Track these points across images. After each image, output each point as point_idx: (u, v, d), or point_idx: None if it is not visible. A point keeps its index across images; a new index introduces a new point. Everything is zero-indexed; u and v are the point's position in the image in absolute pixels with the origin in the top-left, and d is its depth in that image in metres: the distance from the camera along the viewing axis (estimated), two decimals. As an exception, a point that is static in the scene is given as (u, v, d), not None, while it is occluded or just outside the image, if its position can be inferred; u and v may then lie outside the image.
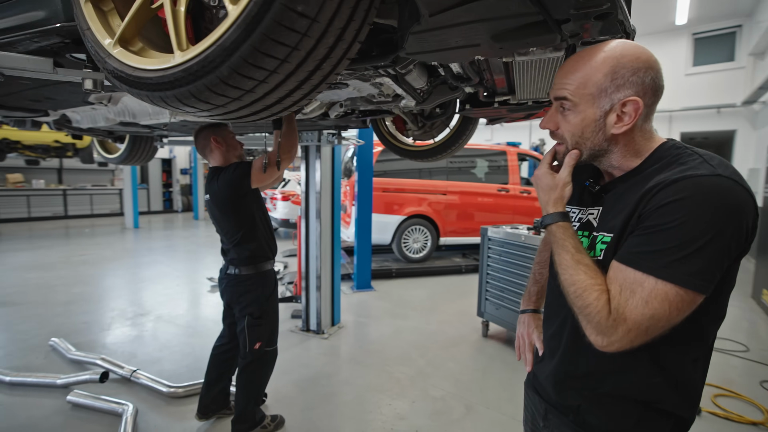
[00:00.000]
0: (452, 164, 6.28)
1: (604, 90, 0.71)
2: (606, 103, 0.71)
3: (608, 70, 0.70)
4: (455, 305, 4.32)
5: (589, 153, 0.77)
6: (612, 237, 0.73)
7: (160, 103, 0.74)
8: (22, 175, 10.04)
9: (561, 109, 0.77)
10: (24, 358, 2.88)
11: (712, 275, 0.63)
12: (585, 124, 0.74)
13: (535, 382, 0.92)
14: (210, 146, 1.93)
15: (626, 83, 0.70)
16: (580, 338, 0.71)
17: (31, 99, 1.94)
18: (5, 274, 5.13)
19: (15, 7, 1.06)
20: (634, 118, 0.71)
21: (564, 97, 0.75)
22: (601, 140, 0.74)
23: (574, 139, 0.77)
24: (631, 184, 0.74)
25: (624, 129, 0.72)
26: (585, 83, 0.72)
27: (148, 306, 4.06)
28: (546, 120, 0.80)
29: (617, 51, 0.71)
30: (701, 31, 8.27)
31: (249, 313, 1.93)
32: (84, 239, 7.89)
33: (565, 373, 0.81)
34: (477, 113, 1.97)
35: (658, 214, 0.64)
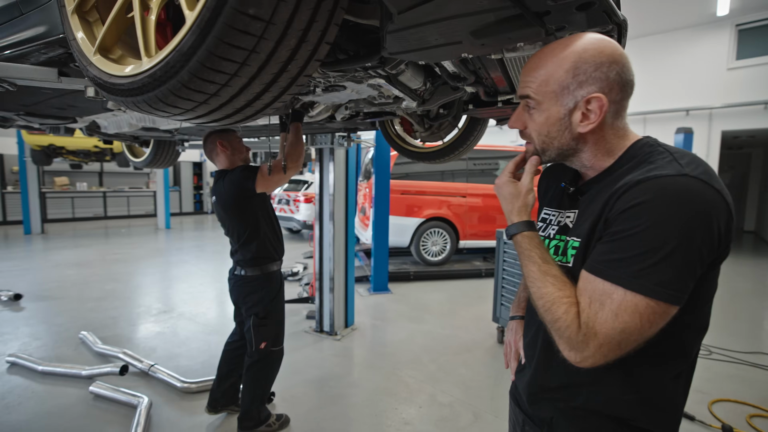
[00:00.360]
0: (474, 166, 6.18)
1: (567, 87, 0.67)
2: (569, 101, 0.68)
3: (569, 66, 0.67)
4: (472, 310, 4.23)
5: (557, 152, 0.73)
6: (580, 242, 0.69)
7: (134, 108, 0.77)
8: (67, 178, 10.76)
9: (527, 108, 0.74)
10: (57, 349, 3.07)
11: (683, 284, 0.58)
12: (550, 123, 0.71)
13: (515, 391, 0.89)
14: (216, 150, 1.99)
15: (589, 79, 0.66)
16: (552, 349, 0.68)
17: (57, 107, 2.07)
18: (49, 270, 5.50)
19: (23, 22, 1.13)
20: (599, 115, 0.67)
21: (527, 95, 0.72)
22: (569, 139, 0.71)
23: (540, 138, 0.73)
24: (603, 185, 0.69)
25: (590, 127, 0.68)
26: (547, 80, 0.69)
27: (172, 303, 4.24)
28: (513, 119, 0.77)
29: (579, 45, 0.67)
30: (745, 22, 7.72)
31: (254, 313, 1.97)
32: (119, 239, 8.35)
33: (539, 385, 0.78)
34: (481, 113, 1.92)
35: (622, 218, 0.60)
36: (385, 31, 0.91)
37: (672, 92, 8.33)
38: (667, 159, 0.63)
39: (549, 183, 0.90)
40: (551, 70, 0.69)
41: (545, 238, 0.81)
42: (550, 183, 0.90)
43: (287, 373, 2.71)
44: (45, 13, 1.07)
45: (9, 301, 4.08)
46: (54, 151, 7.26)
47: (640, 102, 8.67)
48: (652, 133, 3.02)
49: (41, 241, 7.80)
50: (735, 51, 7.91)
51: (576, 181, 0.80)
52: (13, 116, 2.32)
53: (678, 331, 0.63)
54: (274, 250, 2.05)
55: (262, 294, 1.99)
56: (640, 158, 0.67)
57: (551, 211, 0.84)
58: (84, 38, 0.81)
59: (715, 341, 3.32)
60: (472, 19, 0.84)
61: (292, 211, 8.13)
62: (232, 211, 1.94)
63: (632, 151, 0.69)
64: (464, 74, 1.38)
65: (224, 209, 1.94)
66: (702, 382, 2.69)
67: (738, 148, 10.31)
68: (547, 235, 0.81)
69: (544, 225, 0.84)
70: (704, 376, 2.78)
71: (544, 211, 0.87)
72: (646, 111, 8.53)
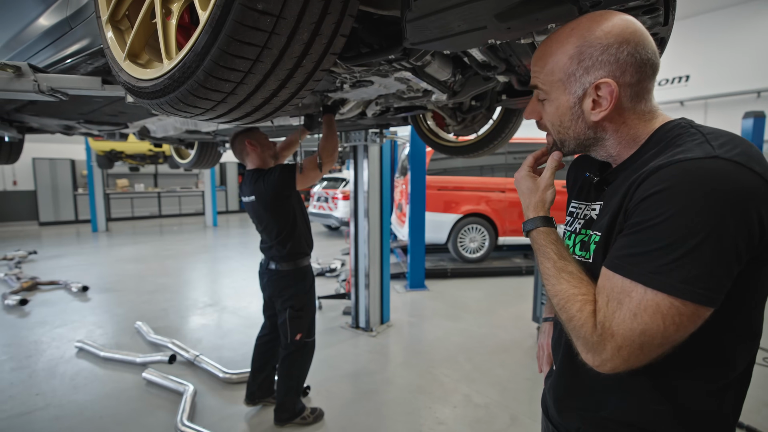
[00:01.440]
0: (514, 160, 5.95)
1: (572, 74, 0.63)
2: (578, 89, 0.63)
3: (574, 51, 0.62)
4: (511, 308, 4.08)
5: (575, 143, 0.68)
6: (600, 236, 0.64)
7: (158, 109, 0.79)
8: (127, 180, 11.69)
9: (539, 98, 0.71)
10: (116, 337, 3.34)
11: (715, 282, 0.50)
12: (561, 113, 0.67)
13: (544, 399, 0.83)
14: (246, 150, 2.04)
15: (596, 63, 0.60)
16: (574, 351, 0.63)
17: (109, 114, 2.23)
18: (111, 265, 6.01)
19: (73, 36, 1.22)
20: (611, 101, 0.61)
21: (535, 86, 0.69)
22: (584, 128, 0.66)
23: (554, 128, 0.70)
24: (627, 174, 0.63)
25: (603, 114, 0.62)
26: (552, 69, 0.65)
27: (217, 297, 4.47)
28: (528, 110, 0.74)
29: (583, 27, 0.61)
30: (830, -12, 6.80)
31: (290, 306, 2.02)
32: (171, 236, 8.93)
33: (565, 390, 0.72)
34: (516, 103, 1.83)
35: (641, 208, 0.54)
36: (405, 21, 0.88)
37: (739, 73, 7.51)
38: (697, 140, 0.55)
39: (577, 174, 0.84)
40: (556, 58, 0.64)
41: (571, 233, 0.76)
42: (579, 174, 0.83)
43: (322, 367, 2.76)
44: (89, 26, 1.14)
45: (78, 292, 4.50)
46: (115, 156, 7.88)
47: (701, 85, 7.91)
48: (716, 120, 2.80)
49: (106, 238, 8.53)
50: (818, 22, 6.98)
51: (602, 171, 0.74)
52: (75, 124, 2.54)
53: (719, 335, 0.55)
54: (307, 245, 2.10)
55: (298, 288, 2.04)
56: (667, 142, 0.59)
57: (579, 204, 0.78)
58: (116, 45, 0.85)
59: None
60: (495, 0, 0.79)
61: (330, 208, 8.27)
62: (273, 210, 1.98)
63: (659, 134, 0.62)
64: (494, 62, 1.31)
65: (265, 208, 1.98)
66: None
67: (822, 132, 9.11)
68: (573, 230, 0.76)
69: (572, 219, 0.79)
70: None
71: (572, 204, 0.82)
72: (709, 95, 7.76)
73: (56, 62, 1.38)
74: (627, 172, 0.63)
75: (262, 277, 2.13)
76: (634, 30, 0.60)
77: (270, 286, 2.10)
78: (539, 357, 0.96)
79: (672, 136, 0.60)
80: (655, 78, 0.64)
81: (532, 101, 0.73)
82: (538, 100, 0.71)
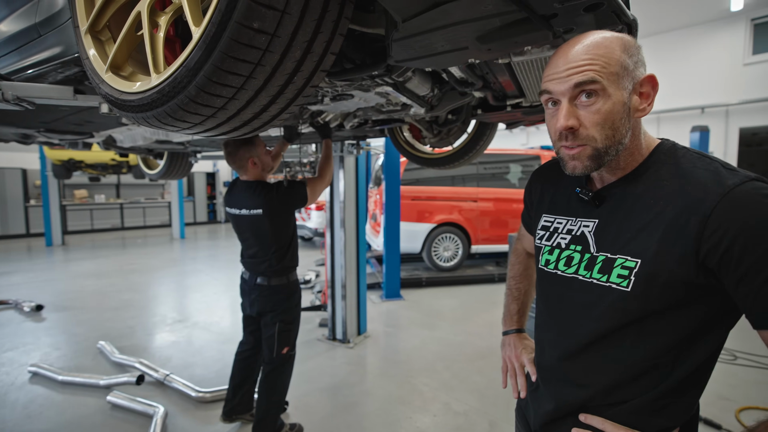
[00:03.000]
0: (485, 170, 6.14)
1: (626, 68, 0.62)
2: (629, 83, 0.63)
3: (622, 46, 0.62)
4: (485, 315, 4.17)
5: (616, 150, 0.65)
6: (640, 263, 0.63)
7: (144, 123, 0.78)
8: (86, 191, 11.06)
9: (583, 99, 0.63)
10: (76, 359, 3.13)
11: None
12: (615, 111, 0.62)
13: (527, 411, 0.84)
14: (247, 165, 1.96)
15: (639, 60, 0.64)
16: None
17: (75, 123, 2.13)
18: (68, 281, 5.64)
19: (42, 43, 1.17)
20: (653, 97, 0.65)
21: (591, 79, 0.61)
22: (627, 130, 0.65)
23: (604, 133, 0.63)
24: (636, 191, 0.66)
25: (648, 110, 0.65)
26: (608, 61, 0.61)
27: (187, 313, 4.29)
28: (566, 116, 0.63)
29: (609, 32, 0.65)
30: (760, 16, 7.54)
31: (281, 320, 1.98)
32: (136, 249, 8.51)
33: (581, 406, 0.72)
34: (491, 117, 1.91)
35: (753, 243, 0.55)
36: (391, 39, 0.91)
37: (686, 90, 8.16)
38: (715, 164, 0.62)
39: (545, 187, 0.85)
40: (611, 49, 0.62)
41: (553, 247, 0.77)
42: (546, 187, 0.84)
43: (300, 381, 2.70)
44: (62, 34, 1.10)
45: (31, 311, 4.18)
46: (74, 165, 7.47)
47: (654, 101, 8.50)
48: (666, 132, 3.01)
49: (62, 252, 8.00)
50: (751, 46, 7.72)
51: (585, 185, 0.75)
52: (34, 133, 2.40)
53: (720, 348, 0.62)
54: (297, 258, 2.09)
55: (291, 301, 2.02)
56: (676, 162, 0.65)
57: (556, 218, 0.79)
58: (96, 56, 0.83)
59: (741, 346, 3.20)
60: (477, 24, 0.83)
61: (303, 219, 8.18)
62: (278, 224, 1.95)
63: (659, 153, 0.67)
64: (472, 79, 1.37)
65: (273, 222, 1.93)
66: (728, 389, 2.59)
67: (757, 144, 9.99)
68: (554, 244, 0.77)
69: (548, 233, 0.79)
70: (730, 383, 2.68)
71: (545, 219, 0.82)
72: (660, 110, 8.36)
73: (21, 69, 1.32)
74: (636, 189, 0.67)
75: (248, 293, 2.04)
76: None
77: (260, 301, 2.01)
78: (505, 371, 0.95)
79: (679, 156, 0.66)
80: None
81: (568, 107, 0.64)
82: (578, 104, 0.63)
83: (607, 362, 0.68)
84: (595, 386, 0.69)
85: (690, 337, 0.62)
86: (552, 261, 0.76)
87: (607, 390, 0.68)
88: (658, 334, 0.64)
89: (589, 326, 0.69)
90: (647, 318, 0.63)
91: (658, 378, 0.64)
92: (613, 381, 0.67)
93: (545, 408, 0.77)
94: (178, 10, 0.76)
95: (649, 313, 0.63)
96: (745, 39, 7.71)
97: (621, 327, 0.66)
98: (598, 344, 0.68)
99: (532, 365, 0.86)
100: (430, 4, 0.74)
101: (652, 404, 0.65)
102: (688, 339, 0.63)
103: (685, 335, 0.62)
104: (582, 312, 0.70)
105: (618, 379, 0.67)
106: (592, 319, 0.68)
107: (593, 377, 0.69)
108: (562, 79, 0.63)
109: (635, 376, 0.66)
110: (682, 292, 0.61)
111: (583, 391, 0.71)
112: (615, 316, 0.66)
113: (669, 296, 0.61)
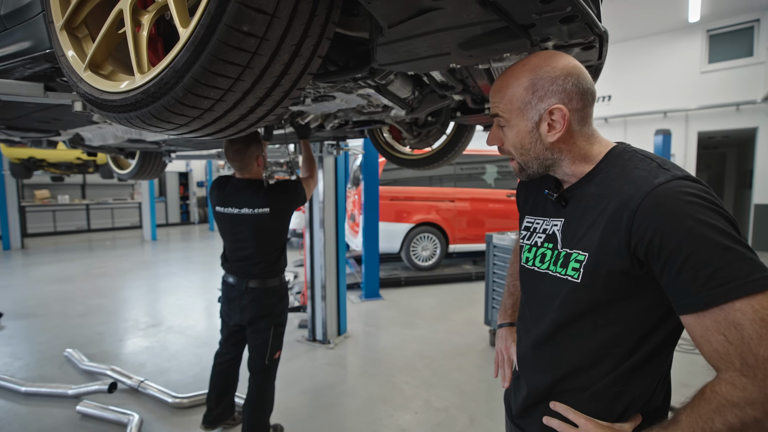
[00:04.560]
0: (461, 171, 6.25)
1: (528, 103, 0.73)
2: (534, 115, 0.73)
3: (528, 84, 0.73)
4: (464, 313, 4.26)
5: (537, 164, 0.77)
6: (587, 255, 0.70)
7: (126, 123, 0.76)
8: (48, 191, 10.48)
9: (499, 126, 0.79)
10: (40, 368, 2.97)
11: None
12: (521, 137, 0.76)
13: (510, 399, 0.90)
14: (252, 164, 1.93)
15: (547, 93, 0.71)
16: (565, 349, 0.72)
17: (40, 120, 2.03)
18: (29, 286, 5.34)
19: (8, 37, 1.12)
20: (563, 124, 0.72)
21: (496, 114, 0.78)
22: (542, 150, 0.75)
23: (517, 151, 0.78)
24: (590, 191, 0.73)
25: (557, 136, 0.73)
26: (511, 99, 0.75)
27: (161, 317, 4.15)
28: (491, 137, 0.82)
29: (533, 64, 0.74)
30: (716, 27, 8.04)
31: (276, 324, 1.94)
32: (104, 252, 8.15)
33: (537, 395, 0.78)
34: (469, 120, 1.96)
35: (667, 238, 0.60)
36: (375, 44, 0.93)
37: (650, 95, 8.60)
38: (654, 163, 0.68)
39: (528, 191, 0.93)
40: (513, 90, 0.74)
41: (531, 246, 0.83)
42: (530, 191, 0.92)
43: (281, 383, 2.65)
44: (31, 29, 1.05)
45: (-12, 320, 3.94)
46: (34, 164, 7.06)
47: (620, 105, 8.91)
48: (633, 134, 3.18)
49: (21, 256, 7.56)
50: (707, 55, 8.22)
51: (557, 188, 0.83)
52: (-7, 130, 2.27)
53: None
54: (287, 259, 2.06)
55: (284, 303, 1.99)
56: (622, 164, 0.71)
57: (534, 219, 0.86)
58: (74, 55, 0.81)
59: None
60: (460, 31, 0.86)
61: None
62: (282, 224, 1.94)
63: (610, 157, 0.74)
64: (452, 83, 1.41)
65: (276, 221, 1.90)
66: (688, 376, 2.75)
67: (713, 147, 10.65)
68: (533, 243, 0.83)
69: (528, 233, 0.86)
70: (690, 370, 2.84)
71: (527, 220, 0.89)
72: (627, 113, 8.77)
73: (-17, 64, 1.25)
74: (587, 189, 0.73)
75: (237, 299, 1.91)
76: (575, 65, 0.73)
77: (254, 306, 1.88)
78: (497, 362, 1.00)
79: (624, 159, 0.71)
80: (593, 104, 0.77)
81: (494, 129, 0.81)
82: (499, 127, 0.79)
83: (567, 350, 0.74)
84: (557, 373, 0.75)
85: (641, 325, 0.68)
86: (530, 258, 0.83)
87: (567, 377, 0.74)
88: (610, 322, 0.70)
89: (552, 316, 0.76)
90: (599, 308, 0.70)
91: (615, 365, 0.70)
92: (572, 368, 0.73)
93: (521, 394, 0.83)
94: (162, 9, 0.75)
95: (598, 302, 0.69)
96: (701, 48, 8.20)
97: (576, 316, 0.72)
98: (559, 333, 0.75)
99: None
100: (416, 12, 0.76)
101: (610, 390, 0.70)
102: (639, 327, 0.69)
103: (637, 323, 0.69)
104: (548, 303, 0.77)
105: (577, 366, 0.73)
106: (554, 309, 0.75)
107: (555, 364, 0.76)
108: (490, 107, 0.80)
109: (593, 363, 0.72)
110: (623, 282, 0.67)
111: (547, 377, 0.77)
112: (570, 306, 0.73)
113: (612, 286, 0.67)
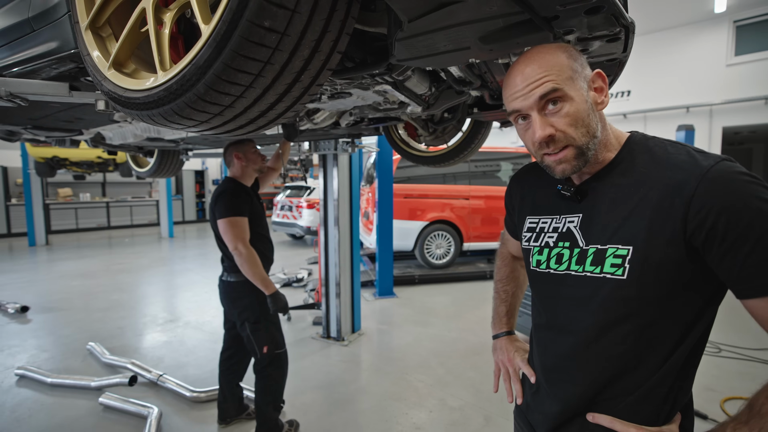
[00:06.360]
0: (476, 168, 6.19)
1: (576, 70, 0.69)
2: (582, 83, 0.69)
3: (566, 53, 0.70)
4: (478, 312, 4.22)
5: (595, 144, 0.70)
6: (631, 249, 0.65)
7: (149, 121, 0.77)
8: (70, 189, 10.81)
9: (550, 107, 0.67)
10: (65, 360, 3.07)
11: None
12: (582, 109, 0.67)
13: (530, 415, 0.83)
14: (232, 160, 2.04)
15: (583, 61, 0.71)
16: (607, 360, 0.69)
17: (65, 120, 2.09)
18: (53, 281, 5.52)
19: (35, 38, 1.15)
20: (606, 88, 0.71)
21: (552, 89, 0.66)
22: (596, 123, 0.70)
23: (580, 131, 0.67)
24: (616, 181, 0.70)
25: (607, 101, 0.71)
26: (560, 68, 0.67)
27: (178, 312, 4.24)
28: (541, 126, 0.67)
29: (549, 45, 0.73)
30: (743, 18, 7.74)
31: (245, 319, 1.97)
32: (123, 248, 8.37)
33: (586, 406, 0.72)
34: (486, 116, 1.93)
35: (733, 220, 0.58)
36: (394, 39, 0.91)
37: (672, 90, 8.34)
38: (686, 148, 0.67)
39: (524, 190, 0.87)
40: (558, 59, 0.68)
41: (541, 247, 0.78)
42: (525, 190, 0.87)
43: (296, 379, 2.70)
44: (57, 29, 1.08)
45: (16, 313, 4.09)
46: (58, 163, 7.29)
47: (640, 100, 8.67)
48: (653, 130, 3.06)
49: (46, 252, 7.82)
50: (733, 47, 7.92)
51: (567, 183, 0.77)
52: (20, 130, 2.34)
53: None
54: (261, 254, 1.99)
55: (251, 299, 1.97)
56: (649, 151, 0.69)
57: (540, 218, 0.81)
58: (98, 54, 0.82)
59: (725, 338, 3.30)
60: (481, 25, 0.84)
61: (294, 217, 8.13)
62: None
63: (632, 144, 0.72)
64: (470, 78, 1.38)
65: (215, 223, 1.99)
66: (713, 380, 2.67)
67: (739, 143, 10.29)
68: (542, 244, 0.78)
69: (534, 234, 0.81)
70: (714, 374, 2.76)
71: (529, 221, 0.83)
72: (647, 109, 8.53)
73: (12, 65, 1.28)
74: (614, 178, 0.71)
75: (219, 289, 2.09)
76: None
77: (223, 298, 2.07)
78: (497, 375, 0.94)
79: (650, 146, 0.70)
80: None
81: (539, 119, 0.68)
82: (547, 113, 0.68)
83: (611, 354, 0.68)
84: (599, 380, 0.70)
85: (686, 318, 0.66)
86: (543, 261, 0.78)
87: (612, 382, 0.69)
88: (657, 318, 0.65)
89: (589, 320, 0.69)
90: (647, 304, 0.65)
91: (661, 361, 0.66)
92: (616, 373, 0.68)
93: (552, 410, 0.76)
94: (183, 7, 0.76)
95: (646, 299, 0.65)
96: (728, 40, 7.91)
97: (619, 318, 0.67)
98: (601, 337, 0.69)
99: (527, 367, 0.85)
100: (437, 5, 0.75)
101: (657, 392, 0.67)
102: (684, 319, 0.66)
103: (682, 316, 0.65)
104: (579, 307, 0.71)
105: (622, 369, 0.68)
106: (590, 312, 0.69)
107: (597, 371, 0.70)
108: (525, 96, 0.68)
109: (637, 366, 0.67)
110: (675, 274, 0.63)
111: (587, 387, 0.71)
112: (613, 307, 0.67)
113: (664, 278, 0.63)
